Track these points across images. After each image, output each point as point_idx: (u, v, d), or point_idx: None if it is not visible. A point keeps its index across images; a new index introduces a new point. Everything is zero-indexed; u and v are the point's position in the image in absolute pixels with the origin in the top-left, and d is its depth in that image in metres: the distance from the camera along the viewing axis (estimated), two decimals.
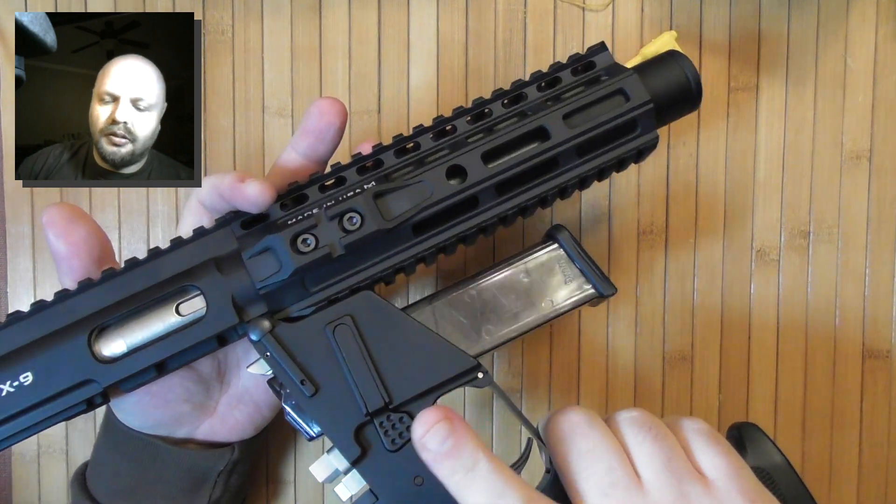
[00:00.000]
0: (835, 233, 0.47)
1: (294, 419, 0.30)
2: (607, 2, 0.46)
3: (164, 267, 0.29)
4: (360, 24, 0.46)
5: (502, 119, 0.31)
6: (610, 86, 0.31)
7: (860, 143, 0.47)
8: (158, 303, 0.29)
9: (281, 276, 0.29)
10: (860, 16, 0.47)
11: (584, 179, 0.31)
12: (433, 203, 0.29)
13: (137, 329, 0.29)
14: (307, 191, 0.31)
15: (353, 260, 0.30)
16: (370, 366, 0.29)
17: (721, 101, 0.47)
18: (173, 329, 0.29)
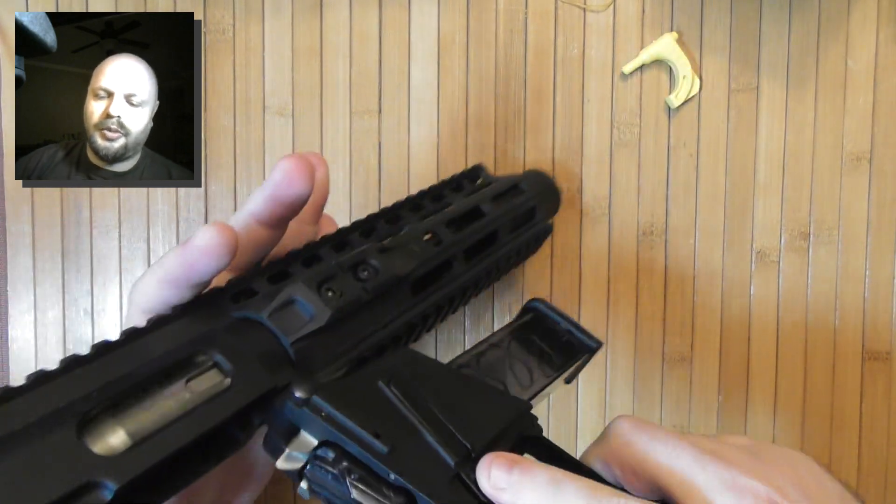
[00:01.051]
0: (835, 234, 0.47)
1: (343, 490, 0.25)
2: (608, 3, 0.46)
3: (152, 346, 0.23)
4: (360, 24, 0.46)
5: (434, 210, 0.35)
6: (509, 181, 0.39)
7: (860, 145, 0.47)
8: (162, 379, 0.22)
9: (316, 323, 0.25)
10: (861, 17, 0.46)
11: (519, 251, 0.37)
12: (429, 260, 0.31)
13: (140, 413, 0.21)
14: (291, 268, 0.28)
15: (376, 313, 0.29)
16: (439, 417, 0.26)
17: (721, 103, 0.47)
18: (191, 407, 0.22)
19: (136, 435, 0.21)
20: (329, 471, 0.24)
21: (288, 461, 0.24)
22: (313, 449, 0.24)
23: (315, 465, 0.24)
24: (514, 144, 0.46)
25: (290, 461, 0.24)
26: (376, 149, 0.46)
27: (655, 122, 0.46)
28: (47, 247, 0.46)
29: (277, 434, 0.24)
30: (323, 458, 0.24)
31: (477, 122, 0.46)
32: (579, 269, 0.47)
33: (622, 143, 0.46)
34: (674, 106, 0.46)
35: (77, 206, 0.46)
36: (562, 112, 0.46)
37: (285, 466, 0.24)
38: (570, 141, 0.46)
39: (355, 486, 0.24)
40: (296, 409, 0.24)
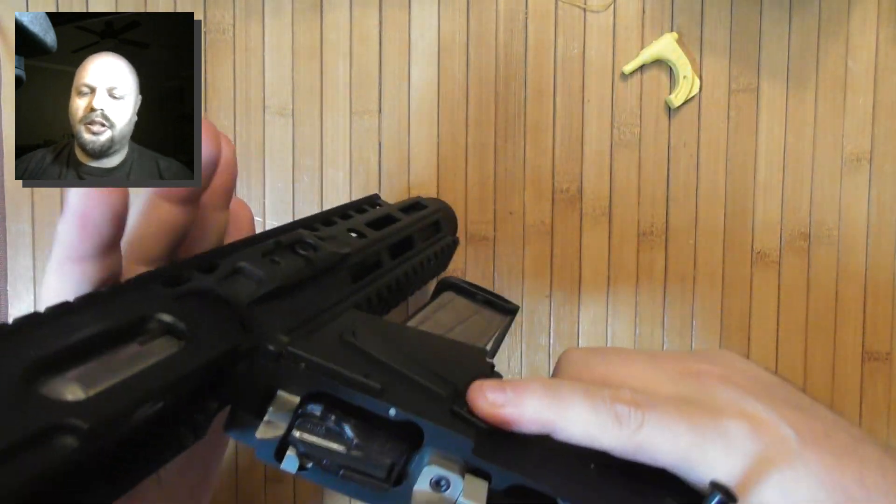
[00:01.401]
0: (835, 235, 0.47)
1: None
2: (608, 3, 0.46)
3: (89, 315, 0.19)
4: (361, 24, 0.46)
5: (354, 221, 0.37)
6: (410, 200, 0.42)
7: (860, 146, 0.47)
8: (111, 342, 0.19)
9: (266, 287, 0.24)
10: (861, 18, 0.46)
11: (428, 259, 0.39)
12: (360, 248, 0.32)
13: (93, 369, 0.18)
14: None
15: (322, 290, 0.28)
16: (416, 360, 0.25)
17: (722, 103, 0.47)
18: (147, 365, 0.19)
19: (93, 389, 0.17)
20: (321, 424, 0.22)
21: (268, 429, 0.22)
22: (296, 408, 0.22)
23: (303, 424, 0.22)
24: (514, 144, 0.46)
25: (271, 428, 0.22)
26: (376, 149, 0.46)
27: (655, 122, 0.46)
28: (47, 246, 0.46)
29: (249, 405, 0.22)
30: (310, 414, 0.22)
31: (477, 122, 0.46)
32: (579, 269, 0.47)
33: (622, 143, 0.46)
34: (674, 106, 0.46)
35: None
36: (562, 112, 0.46)
37: (267, 435, 0.22)
38: (570, 141, 0.46)
39: (355, 431, 0.22)
40: (270, 365, 0.22)
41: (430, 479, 0.22)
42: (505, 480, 0.23)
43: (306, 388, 0.22)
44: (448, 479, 0.22)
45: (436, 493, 0.22)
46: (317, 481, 0.23)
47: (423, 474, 0.22)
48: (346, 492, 0.23)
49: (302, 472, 0.23)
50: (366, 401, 0.22)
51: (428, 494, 0.22)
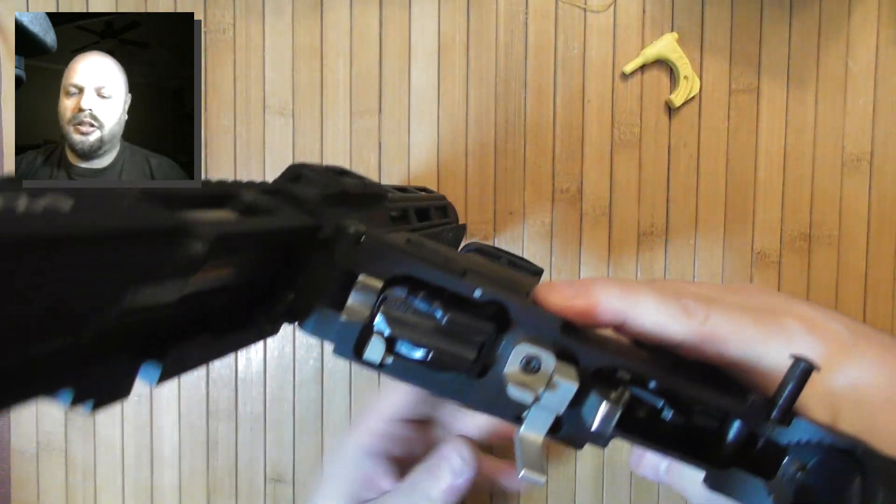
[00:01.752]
0: (835, 235, 0.47)
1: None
2: (609, 3, 0.46)
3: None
4: (361, 24, 0.46)
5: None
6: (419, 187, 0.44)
7: (861, 146, 0.47)
8: (212, 203, 0.20)
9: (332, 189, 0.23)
10: (861, 18, 0.46)
11: (445, 232, 0.40)
12: (396, 198, 0.33)
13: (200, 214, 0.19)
14: None
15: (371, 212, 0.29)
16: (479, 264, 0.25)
17: (722, 103, 0.47)
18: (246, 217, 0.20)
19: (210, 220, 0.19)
20: (407, 305, 0.22)
21: (353, 312, 0.22)
22: (380, 290, 0.22)
23: (390, 305, 0.22)
24: (514, 144, 0.46)
25: (356, 312, 0.22)
26: (376, 149, 0.46)
27: (656, 122, 0.46)
28: None
29: (327, 295, 0.22)
30: (396, 296, 0.22)
31: (477, 122, 0.46)
32: (579, 269, 0.47)
33: (622, 143, 0.46)
34: (674, 106, 0.46)
35: None
36: (562, 112, 0.46)
37: (352, 318, 0.22)
38: (570, 141, 0.46)
39: (444, 308, 0.22)
40: (350, 249, 0.22)
41: (522, 358, 0.21)
42: (593, 362, 0.23)
43: (388, 271, 0.22)
44: (539, 356, 0.21)
45: (528, 375, 0.21)
46: (399, 376, 0.23)
47: (515, 353, 0.21)
48: (430, 387, 0.23)
49: (384, 367, 0.22)
50: (450, 281, 0.22)
51: (520, 375, 0.21)
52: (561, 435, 0.23)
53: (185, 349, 0.18)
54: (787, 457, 0.22)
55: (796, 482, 0.22)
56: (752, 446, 0.23)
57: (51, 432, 0.47)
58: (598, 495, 0.47)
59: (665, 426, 0.23)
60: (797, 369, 0.21)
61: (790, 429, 0.22)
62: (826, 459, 0.21)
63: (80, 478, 0.47)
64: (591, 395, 0.23)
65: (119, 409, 0.47)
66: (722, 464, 0.23)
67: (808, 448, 0.22)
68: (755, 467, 0.22)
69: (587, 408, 0.23)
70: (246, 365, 0.47)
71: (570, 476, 0.47)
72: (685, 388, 0.23)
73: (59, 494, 0.47)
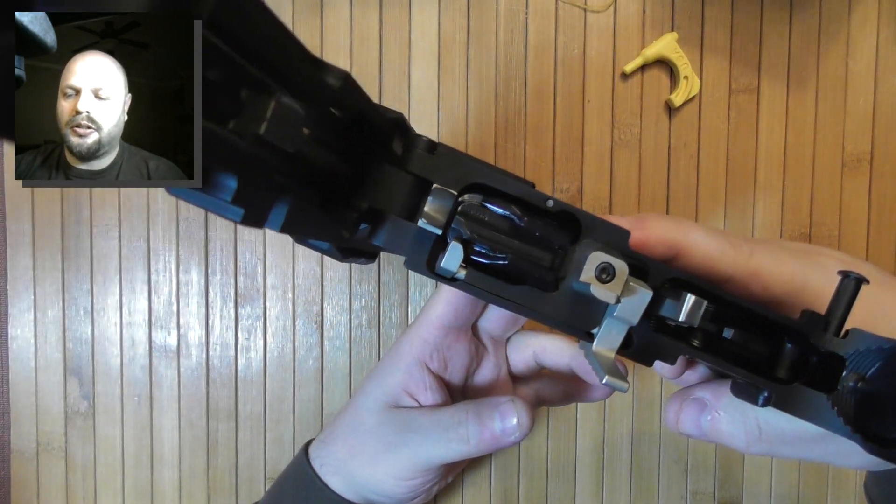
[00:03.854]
0: (835, 235, 0.47)
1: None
2: (609, 2, 0.46)
3: None
4: (361, 24, 0.46)
5: None
6: None
7: (861, 146, 0.47)
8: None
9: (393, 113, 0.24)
10: (861, 18, 0.46)
11: None
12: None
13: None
14: None
15: None
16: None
17: (722, 103, 0.47)
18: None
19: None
20: (484, 211, 0.22)
21: (430, 218, 0.22)
22: (456, 196, 0.22)
23: (467, 209, 0.22)
24: (514, 144, 0.46)
25: (433, 218, 0.22)
26: None
27: (655, 122, 0.46)
28: (47, 246, 0.46)
29: (400, 204, 0.22)
30: (471, 203, 0.23)
31: (477, 122, 0.46)
32: None
33: (622, 143, 0.46)
34: (674, 106, 0.46)
35: (77, 205, 0.46)
36: (562, 112, 0.46)
37: (430, 223, 0.22)
38: (570, 141, 0.46)
39: (520, 211, 0.22)
40: (427, 155, 0.22)
41: (597, 265, 0.21)
42: (661, 275, 0.23)
43: (463, 180, 0.22)
44: (612, 264, 0.21)
45: (602, 284, 0.21)
46: (473, 290, 0.23)
47: (590, 260, 0.21)
48: (503, 300, 0.23)
49: (457, 281, 0.22)
50: (523, 190, 0.22)
51: (594, 282, 0.21)
52: (632, 350, 0.23)
53: (303, 197, 0.19)
54: (845, 370, 0.22)
55: (858, 391, 0.22)
56: (806, 364, 0.23)
57: (51, 432, 0.47)
58: (598, 496, 0.47)
59: (726, 347, 0.23)
60: (848, 282, 0.22)
61: (846, 341, 0.22)
62: (886, 363, 0.22)
63: (80, 478, 0.48)
64: (665, 301, 0.23)
65: (119, 408, 0.47)
66: (784, 380, 0.23)
67: (866, 356, 0.22)
68: (814, 384, 0.23)
69: (666, 308, 0.23)
70: (246, 365, 0.47)
71: (571, 476, 0.47)
72: (746, 304, 0.23)
73: (59, 494, 0.47)
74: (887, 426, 0.22)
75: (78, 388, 0.47)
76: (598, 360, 0.22)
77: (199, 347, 0.47)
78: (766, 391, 0.23)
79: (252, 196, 0.17)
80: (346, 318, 0.47)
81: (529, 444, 0.47)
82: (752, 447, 0.26)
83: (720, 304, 0.23)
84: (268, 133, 0.16)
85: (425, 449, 0.33)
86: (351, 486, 0.36)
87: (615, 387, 0.21)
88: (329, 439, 0.38)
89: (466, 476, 0.48)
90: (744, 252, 0.25)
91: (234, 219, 0.17)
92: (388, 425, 0.35)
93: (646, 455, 0.47)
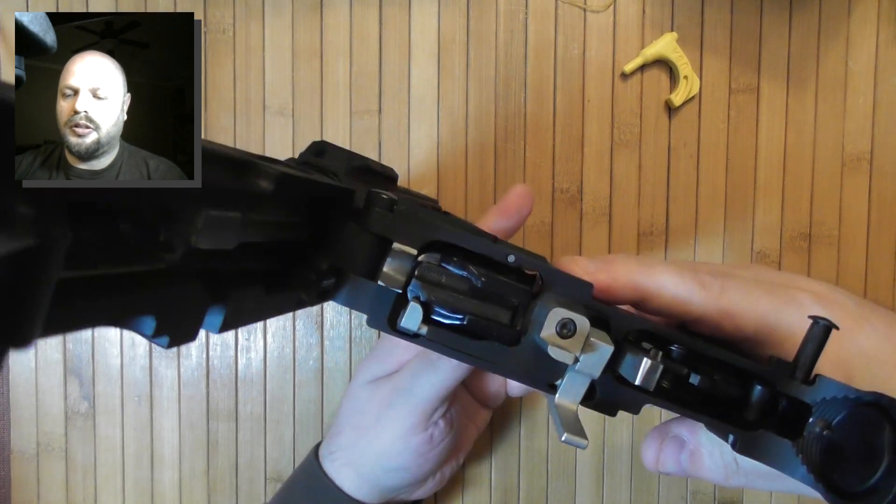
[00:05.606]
0: (835, 235, 0.47)
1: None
2: (608, 3, 0.46)
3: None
4: (361, 24, 0.46)
5: None
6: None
7: (860, 146, 0.47)
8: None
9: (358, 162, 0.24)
10: (861, 18, 0.46)
11: None
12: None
13: None
14: None
15: None
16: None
17: (722, 103, 0.47)
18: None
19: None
20: (442, 270, 0.22)
21: (389, 278, 0.22)
22: (415, 256, 0.22)
23: (425, 270, 0.22)
24: (514, 144, 0.46)
25: (392, 277, 0.22)
26: (376, 149, 0.46)
27: (655, 122, 0.46)
28: None
29: (361, 264, 0.22)
30: (430, 262, 0.22)
31: (477, 122, 0.46)
32: None
33: (622, 143, 0.46)
34: (674, 106, 0.46)
35: None
36: (562, 112, 0.46)
37: (389, 283, 0.22)
38: (570, 141, 0.46)
39: (478, 271, 0.22)
40: (384, 215, 0.22)
41: (558, 321, 0.21)
42: (625, 326, 0.23)
43: (422, 237, 0.22)
44: (574, 320, 0.21)
45: (564, 338, 0.21)
46: (433, 346, 0.23)
47: (551, 317, 0.21)
48: (465, 356, 0.23)
49: (419, 337, 0.22)
50: (483, 246, 0.22)
51: (556, 339, 0.21)
52: (595, 401, 0.23)
53: (242, 297, 0.18)
54: (811, 417, 0.22)
55: (823, 440, 0.22)
56: (774, 410, 0.23)
57: (51, 432, 0.47)
58: (598, 496, 0.47)
59: (693, 392, 0.23)
60: (817, 328, 0.21)
61: (813, 388, 0.22)
62: (852, 414, 0.21)
63: (80, 478, 0.48)
64: (626, 356, 0.23)
65: (119, 409, 0.47)
66: (749, 426, 0.23)
67: (833, 405, 0.22)
68: (781, 430, 0.23)
69: (625, 367, 0.23)
70: (246, 365, 0.47)
71: (571, 476, 0.47)
72: (712, 351, 0.23)
73: (59, 494, 0.47)
74: (851, 478, 0.21)
75: (78, 388, 0.47)
76: (559, 415, 0.22)
77: (200, 348, 0.47)
78: (733, 436, 0.23)
79: (175, 323, 0.16)
80: (346, 318, 0.47)
81: (530, 444, 0.47)
82: (731, 480, 0.26)
83: (686, 351, 0.23)
84: (203, 241, 0.16)
85: (420, 387, 0.33)
86: (362, 476, 0.36)
87: (574, 444, 0.21)
88: (335, 431, 0.39)
89: (466, 475, 0.48)
90: (714, 291, 0.25)
91: (162, 346, 0.17)
92: (382, 389, 0.35)
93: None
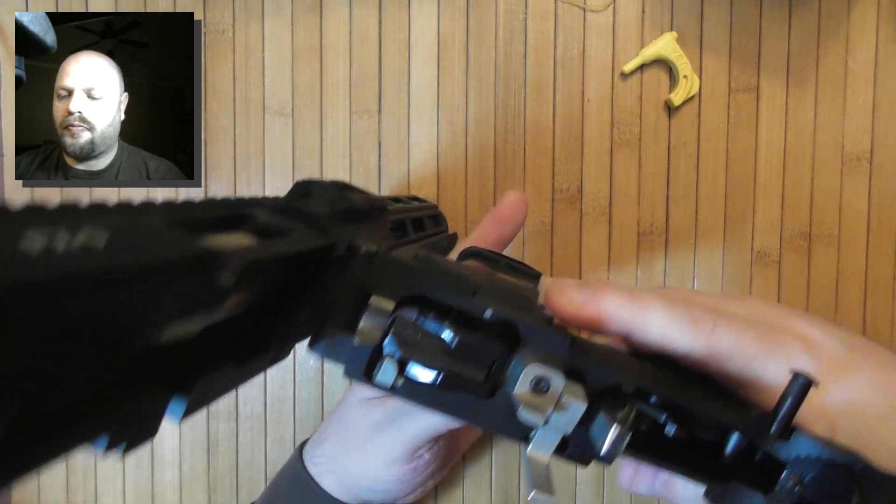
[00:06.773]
0: (835, 234, 0.47)
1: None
2: (608, 2, 0.46)
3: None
4: (360, 24, 0.46)
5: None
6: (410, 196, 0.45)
7: (860, 145, 0.47)
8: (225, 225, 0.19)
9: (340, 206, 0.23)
10: (861, 17, 0.46)
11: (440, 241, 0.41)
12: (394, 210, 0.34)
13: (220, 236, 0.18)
14: None
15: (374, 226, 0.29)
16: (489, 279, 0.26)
17: (721, 102, 0.47)
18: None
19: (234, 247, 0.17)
20: (418, 328, 0.22)
21: (365, 335, 0.21)
22: (391, 312, 0.22)
23: (400, 327, 0.22)
24: (514, 144, 0.46)
25: (368, 334, 0.21)
26: (376, 149, 0.46)
27: (655, 122, 0.46)
28: None
29: (338, 317, 0.22)
30: (406, 318, 0.22)
31: (476, 122, 0.46)
32: (579, 269, 0.47)
33: (622, 142, 0.46)
34: (674, 106, 0.46)
35: None
36: (562, 112, 0.46)
37: (364, 340, 0.21)
38: (570, 141, 0.46)
39: (454, 329, 0.22)
40: (362, 268, 0.22)
41: (532, 379, 0.21)
42: (600, 381, 0.23)
43: (401, 291, 0.22)
44: (549, 377, 0.21)
45: (537, 396, 0.21)
46: (409, 399, 0.23)
47: (524, 375, 0.21)
48: (440, 408, 0.23)
49: (395, 389, 0.22)
50: (461, 301, 0.22)
51: (529, 396, 0.21)
52: (568, 453, 0.23)
53: (208, 382, 0.18)
54: (785, 471, 0.22)
55: (794, 496, 0.22)
56: (751, 460, 0.23)
57: None
58: (598, 495, 0.47)
59: (667, 441, 0.23)
60: (796, 384, 0.21)
61: (789, 443, 0.22)
62: (824, 474, 0.22)
63: (81, 479, 0.47)
64: (599, 415, 0.23)
65: None
66: (722, 477, 0.23)
67: (807, 463, 0.22)
68: (754, 482, 0.23)
69: (596, 428, 0.23)
70: None
71: (571, 476, 0.47)
72: (689, 402, 0.23)
73: (59, 495, 0.47)
74: None
75: None
76: (531, 468, 0.22)
77: None
78: (706, 486, 0.23)
79: (130, 431, 0.15)
80: None
81: None
82: None
83: (664, 401, 0.23)
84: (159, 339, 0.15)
85: (412, 423, 0.33)
86: (344, 485, 0.36)
87: (540, 502, 0.21)
88: (321, 438, 0.39)
89: (466, 475, 0.48)
90: (705, 328, 0.25)
91: (118, 454, 0.16)
92: (375, 411, 0.35)
93: None
